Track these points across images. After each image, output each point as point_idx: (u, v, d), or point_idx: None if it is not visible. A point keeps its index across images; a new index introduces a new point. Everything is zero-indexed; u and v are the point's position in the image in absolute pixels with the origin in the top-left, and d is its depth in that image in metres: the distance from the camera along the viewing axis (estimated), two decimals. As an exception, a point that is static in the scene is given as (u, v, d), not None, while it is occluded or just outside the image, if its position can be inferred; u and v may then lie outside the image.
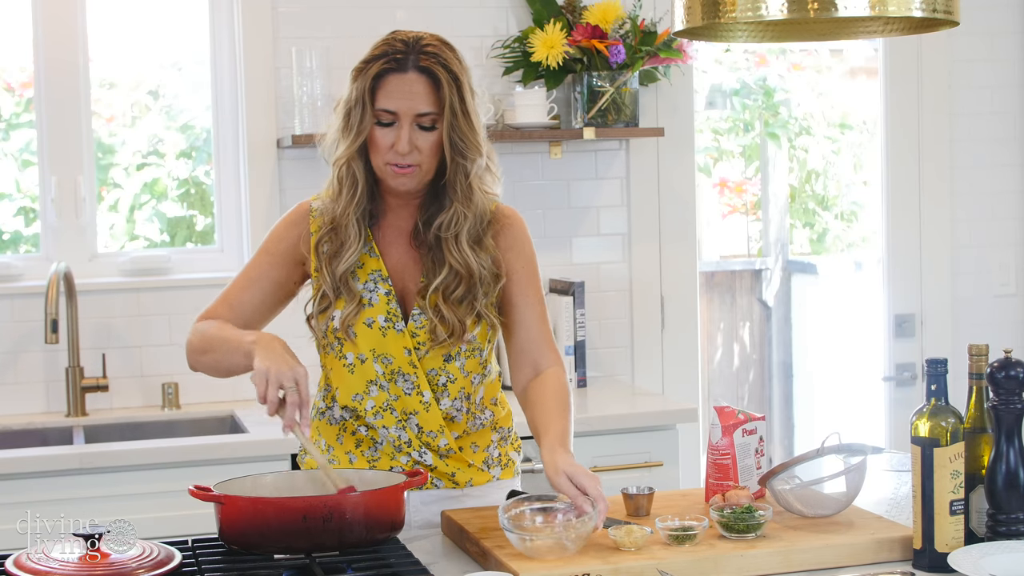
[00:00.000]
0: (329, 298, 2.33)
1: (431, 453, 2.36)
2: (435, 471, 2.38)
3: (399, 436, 2.35)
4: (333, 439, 2.42)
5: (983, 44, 4.40)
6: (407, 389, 2.34)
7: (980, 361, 2.05)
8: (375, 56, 2.28)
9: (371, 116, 2.27)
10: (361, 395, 2.35)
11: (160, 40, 3.97)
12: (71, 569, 1.87)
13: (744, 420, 2.35)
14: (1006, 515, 2.03)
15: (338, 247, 2.33)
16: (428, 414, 2.34)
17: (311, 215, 2.40)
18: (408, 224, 2.38)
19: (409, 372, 2.33)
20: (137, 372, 3.76)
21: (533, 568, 1.96)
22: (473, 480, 2.40)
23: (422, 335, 2.33)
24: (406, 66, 2.25)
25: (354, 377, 2.35)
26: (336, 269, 2.32)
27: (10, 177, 3.94)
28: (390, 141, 2.26)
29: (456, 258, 2.32)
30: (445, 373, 2.35)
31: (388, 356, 2.33)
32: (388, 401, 2.34)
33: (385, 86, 2.25)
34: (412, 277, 2.37)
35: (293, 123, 3.76)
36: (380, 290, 2.34)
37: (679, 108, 4.12)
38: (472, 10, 3.94)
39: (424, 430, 2.35)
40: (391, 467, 2.36)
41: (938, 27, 2.23)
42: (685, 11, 2.14)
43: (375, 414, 2.35)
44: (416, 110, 2.26)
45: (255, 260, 2.44)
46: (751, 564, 2.03)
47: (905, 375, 4.46)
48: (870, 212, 5.50)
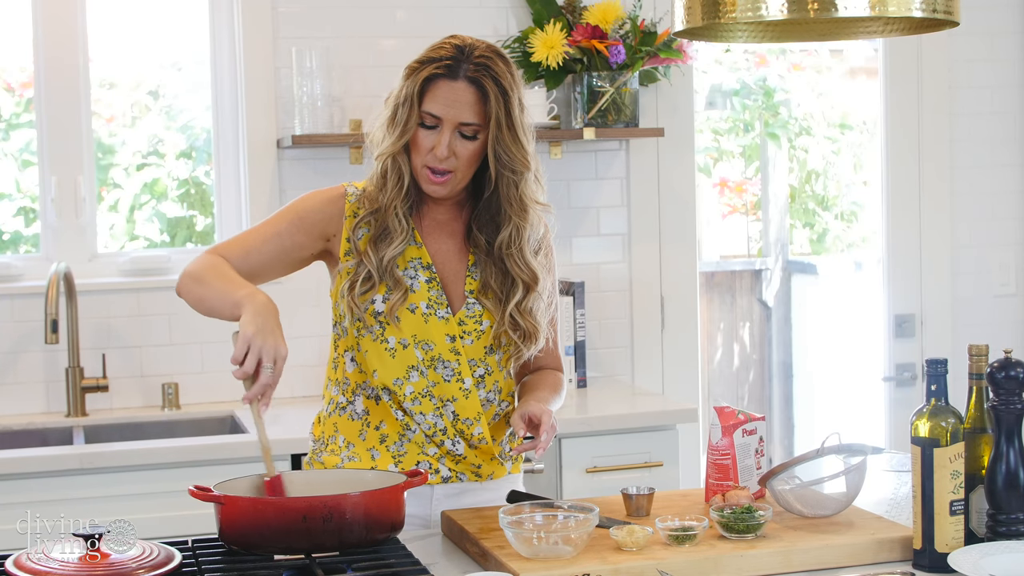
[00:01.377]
0: (373, 280, 2.35)
1: (463, 443, 2.39)
2: (462, 462, 2.40)
3: (435, 423, 2.37)
4: (355, 436, 2.41)
5: (983, 44, 4.40)
6: (446, 376, 2.36)
7: (980, 361, 2.05)
8: (429, 59, 2.30)
9: (417, 116, 2.30)
10: (401, 380, 2.36)
11: (160, 40, 3.97)
12: (71, 569, 1.87)
13: (744, 420, 2.35)
14: (1006, 515, 2.03)
15: (382, 233, 2.35)
16: (467, 401, 2.37)
17: (347, 199, 2.41)
18: (447, 215, 2.42)
19: (450, 359, 2.36)
20: (137, 372, 3.76)
21: (533, 568, 1.96)
22: (494, 473, 2.44)
23: (470, 324, 2.37)
24: (456, 74, 2.28)
25: (395, 361, 2.36)
26: (383, 255, 2.34)
27: (10, 177, 3.94)
28: (430, 144, 2.30)
29: (523, 271, 2.38)
30: (484, 364, 2.40)
31: (429, 342, 2.36)
32: (427, 388, 2.36)
33: (433, 90, 2.28)
34: (454, 266, 2.41)
35: (293, 123, 3.76)
36: (421, 277, 2.37)
37: (679, 108, 4.12)
38: (472, 10, 3.94)
39: (460, 417, 2.37)
40: (418, 461, 2.37)
41: (938, 27, 2.23)
42: (685, 11, 2.14)
43: (413, 399, 2.36)
44: (460, 119, 2.29)
45: (281, 216, 2.44)
46: (751, 564, 2.03)
47: (905, 375, 4.46)
48: (870, 212, 5.50)
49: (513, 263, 2.37)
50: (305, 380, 3.86)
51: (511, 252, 2.37)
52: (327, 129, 3.72)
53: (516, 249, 2.37)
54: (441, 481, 2.39)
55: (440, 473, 2.39)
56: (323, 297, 3.85)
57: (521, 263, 2.38)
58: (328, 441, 2.45)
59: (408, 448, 2.38)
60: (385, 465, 2.37)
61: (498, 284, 2.39)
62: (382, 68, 3.88)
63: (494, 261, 2.39)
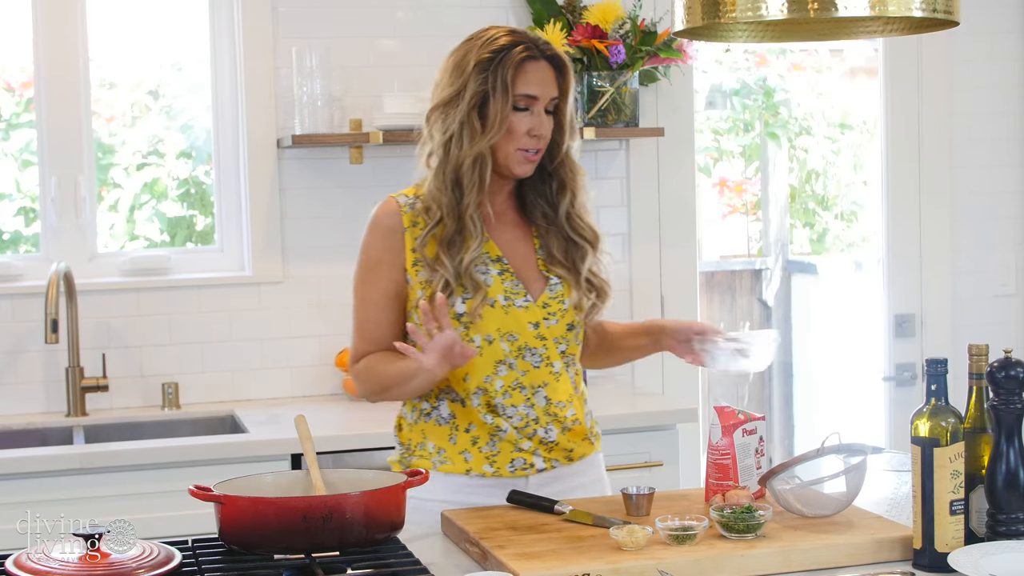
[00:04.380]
0: (451, 287, 2.36)
1: (556, 428, 2.42)
2: (555, 449, 2.43)
3: (527, 414, 2.40)
4: (444, 441, 2.42)
5: (983, 44, 4.40)
6: (535, 363, 2.40)
7: (980, 361, 2.05)
8: (502, 47, 2.36)
9: (511, 102, 2.34)
10: (491, 376, 2.39)
11: (160, 40, 3.97)
12: (71, 569, 1.87)
13: (744, 420, 2.35)
14: (1006, 515, 2.03)
15: (455, 236, 2.37)
16: (558, 384, 2.43)
17: (402, 210, 2.42)
18: (504, 206, 2.47)
19: (536, 345, 2.40)
20: (137, 372, 3.76)
21: (533, 568, 1.96)
22: (585, 453, 2.49)
23: (554, 305, 2.42)
24: (537, 54, 2.38)
25: (483, 359, 2.38)
26: (461, 259, 2.36)
27: (10, 177, 3.94)
28: (527, 127, 2.36)
29: (586, 231, 2.46)
30: (566, 341, 2.45)
31: (513, 333, 2.39)
32: (517, 379, 2.40)
33: (524, 73, 2.35)
34: (524, 253, 2.45)
35: (293, 123, 3.75)
36: (492, 271, 2.40)
37: (679, 108, 4.12)
38: (472, 10, 3.94)
39: (553, 401, 2.41)
40: (512, 459, 2.40)
41: (938, 27, 2.23)
42: (685, 11, 2.14)
43: (504, 393, 2.39)
44: (551, 95, 2.39)
45: (364, 280, 2.43)
46: (751, 564, 2.03)
47: (905, 375, 4.46)
48: (870, 212, 5.49)
49: (575, 227, 2.45)
50: (305, 380, 3.86)
51: (572, 216, 2.45)
52: (327, 129, 3.72)
53: (576, 213, 2.46)
54: (536, 472, 2.42)
55: (535, 466, 2.42)
56: (323, 297, 3.86)
57: (583, 224, 2.46)
58: (416, 448, 2.46)
59: (501, 447, 2.41)
60: (479, 466, 2.40)
61: (562, 253, 2.45)
62: (382, 68, 3.88)
63: (557, 229, 2.45)
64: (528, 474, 2.41)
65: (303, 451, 2.23)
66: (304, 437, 2.25)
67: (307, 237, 3.85)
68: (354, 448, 3.29)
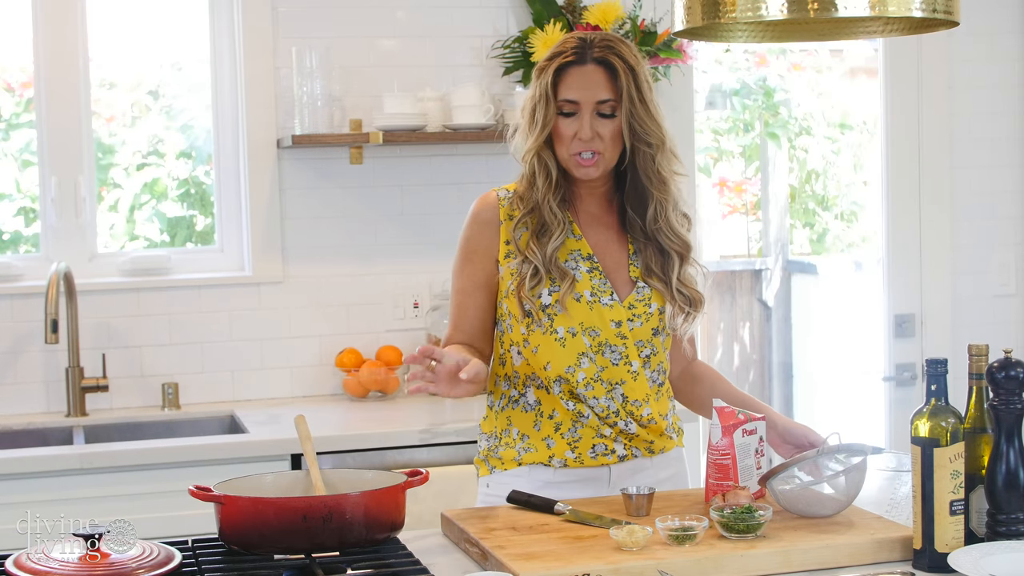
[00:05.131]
0: (540, 275, 2.42)
1: (634, 423, 2.46)
2: (635, 439, 2.47)
3: (608, 406, 2.44)
4: (529, 427, 2.48)
5: (983, 44, 4.40)
6: (614, 360, 2.44)
7: (980, 361, 2.05)
8: (556, 53, 2.43)
9: (554, 108, 2.41)
10: (573, 367, 2.43)
11: (160, 40, 3.97)
12: (71, 569, 1.87)
13: (744, 420, 2.35)
14: (1006, 515, 2.03)
15: (541, 229, 2.44)
16: (635, 383, 2.46)
17: (500, 204, 2.50)
18: (599, 209, 2.51)
19: (616, 343, 2.44)
20: (137, 372, 3.76)
21: (533, 568, 1.96)
22: (665, 447, 2.52)
23: (640, 307, 2.46)
24: (584, 59, 2.40)
25: (565, 350, 2.43)
26: (546, 248, 2.42)
27: (10, 177, 3.94)
28: (573, 130, 2.40)
29: (675, 243, 2.48)
30: (650, 345, 2.48)
31: (595, 329, 2.43)
32: (597, 372, 2.44)
33: (566, 79, 2.40)
34: (616, 254, 2.49)
35: (293, 123, 3.76)
36: (582, 268, 2.45)
37: (679, 108, 4.12)
38: (472, 10, 3.94)
39: (629, 399, 2.46)
40: (593, 445, 2.44)
41: (938, 27, 2.23)
42: (685, 11, 2.14)
43: (586, 385, 2.43)
44: (596, 97, 2.39)
45: (459, 270, 2.52)
46: (751, 564, 2.03)
47: (905, 375, 4.45)
48: (870, 212, 5.50)
49: (664, 237, 2.47)
50: (305, 380, 3.86)
51: (659, 227, 2.47)
52: (327, 129, 3.72)
53: (664, 223, 2.47)
54: (617, 460, 2.47)
55: (616, 452, 2.46)
56: (323, 297, 3.86)
57: (671, 235, 2.48)
58: (502, 435, 2.51)
59: (583, 433, 2.45)
60: (561, 452, 2.45)
61: (659, 265, 2.48)
62: (382, 68, 3.88)
63: (650, 242, 2.48)
64: (609, 462, 2.46)
65: (303, 451, 2.24)
66: (304, 437, 2.25)
67: (307, 237, 3.85)
68: (354, 448, 3.29)
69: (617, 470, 2.48)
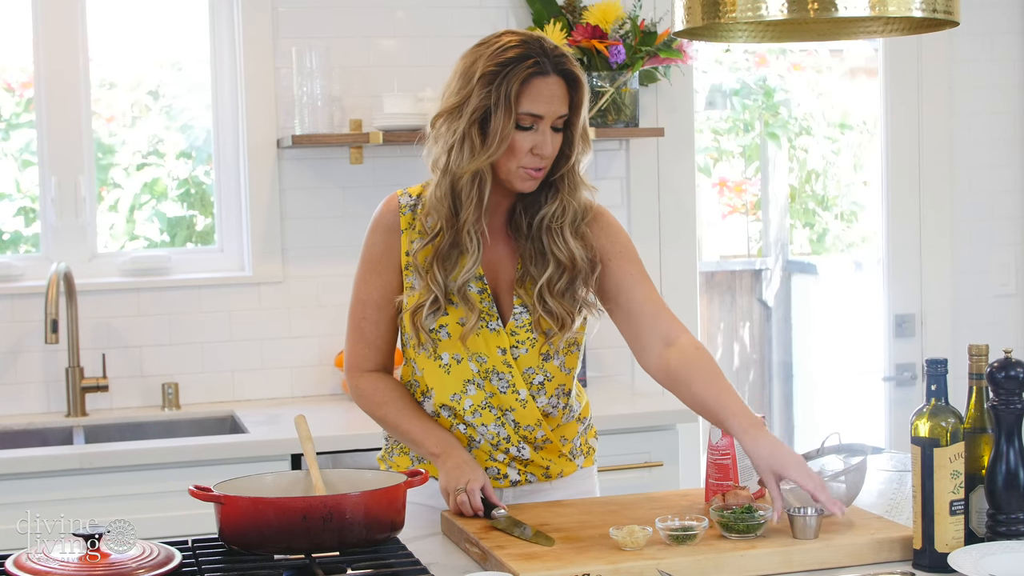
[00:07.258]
0: (440, 304, 2.29)
1: (528, 447, 2.37)
2: (530, 464, 2.38)
3: (498, 432, 2.35)
4: None
5: (983, 44, 4.40)
6: (502, 388, 2.34)
7: (980, 361, 2.05)
8: (513, 59, 2.22)
9: (514, 121, 2.22)
10: (459, 395, 2.35)
11: (160, 40, 3.97)
12: (71, 569, 1.87)
13: (744, 420, 2.34)
14: (1006, 515, 2.03)
15: (450, 251, 2.28)
16: (525, 411, 2.35)
17: (400, 212, 2.35)
18: (498, 220, 2.35)
19: (503, 371, 2.33)
20: (137, 372, 3.76)
21: (533, 568, 1.96)
22: (564, 471, 2.41)
23: (522, 333, 2.32)
24: (547, 69, 2.22)
25: (450, 377, 2.34)
26: (454, 276, 2.28)
27: (10, 177, 3.94)
28: (529, 145, 2.23)
29: (561, 249, 2.30)
30: (543, 371, 2.35)
31: (481, 355, 2.32)
32: (486, 399, 2.34)
33: (529, 90, 2.21)
34: (506, 273, 2.35)
35: (293, 123, 3.76)
36: (474, 288, 2.31)
37: (679, 108, 4.12)
38: (472, 10, 3.94)
39: (521, 425, 2.36)
40: (487, 467, 2.37)
41: (938, 27, 2.23)
42: (685, 11, 2.14)
43: (473, 412, 2.35)
44: (559, 113, 2.25)
45: (363, 279, 2.38)
46: (751, 564, 2.03)
47: (905, 375, 4.46)
48: (870, 212, 5.49)
49: (552, 240, 2.30)
50: (305, 380, 3.86)
51: (552, 227, 2.30)
52: (327, 129, 3.72)
53: (558, 226, 2.30)
54: (510, 485, 2.38)
55: (508, 478, 2.38)
56: (323, 297, 3.86)
57: (560, 241, 2.30)
58: (394, 446, 2.46)
59: (476, 454, 2.37)
60: None
61: (537, 269, 2.31)
62: (382, 68, 3.88)
63: (532, 242, 2.32)
64: (502, 486, 2.38)
65: (303, 451, 2.23)
66: (304, 437, 2.25)
67: (307, 237, 3.85)
68: (354, 448, 3.29)
69: (511, 493, 2.40)
